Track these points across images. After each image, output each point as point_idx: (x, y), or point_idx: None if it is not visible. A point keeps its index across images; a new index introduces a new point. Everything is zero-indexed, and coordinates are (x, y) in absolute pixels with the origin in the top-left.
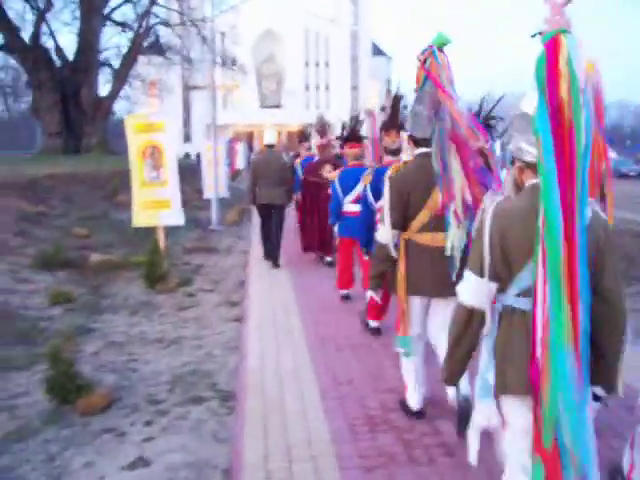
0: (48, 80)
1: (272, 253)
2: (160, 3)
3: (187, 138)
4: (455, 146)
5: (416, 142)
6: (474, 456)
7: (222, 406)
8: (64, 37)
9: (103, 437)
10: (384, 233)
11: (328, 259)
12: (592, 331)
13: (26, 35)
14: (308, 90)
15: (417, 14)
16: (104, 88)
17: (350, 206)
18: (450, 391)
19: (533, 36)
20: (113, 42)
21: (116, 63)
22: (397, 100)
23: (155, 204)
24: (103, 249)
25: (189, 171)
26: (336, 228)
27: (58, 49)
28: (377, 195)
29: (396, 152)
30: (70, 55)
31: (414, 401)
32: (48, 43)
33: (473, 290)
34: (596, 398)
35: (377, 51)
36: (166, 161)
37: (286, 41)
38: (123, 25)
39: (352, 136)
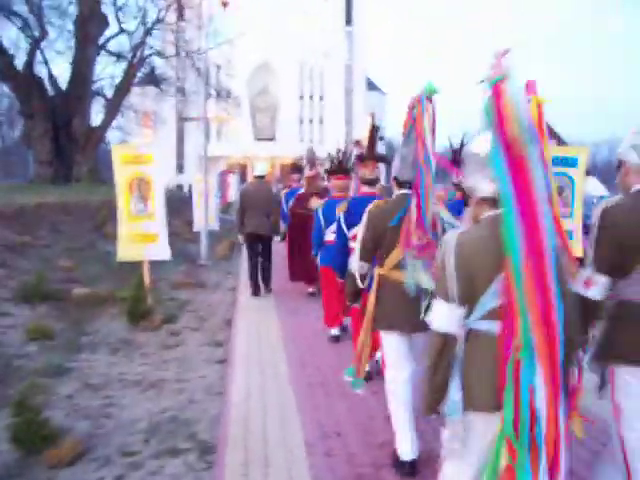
0: (40, 109)
1: (258, 287)
2: (155, 35)
3: (180, 169)
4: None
5: (399, 184)
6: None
7: (200, 459)
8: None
9: None
10: (354, 262)
11: (310, 290)
12: None
13: (20, 63)
14: (302, 123)
15: (412, 51)
16: (97, 118)
17: (332, 236)
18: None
19: (479, 83)
20: (107, 72)
21: (109, 93)
22: (374, 131)
23: (141, 238)
24: (88, 282)
25: (181, 203)
26: (318, 258)
27: (51, 78)
28: (351, 224)
29: (372, 182)
30: (63, 84)
31: (405, 450)
32: (42, 72)
33: (444, 317)
34: None
35: (372, 86)
36: (154, 194)
37: (281, 74)
38: (117, 55)
39: (338, 168)
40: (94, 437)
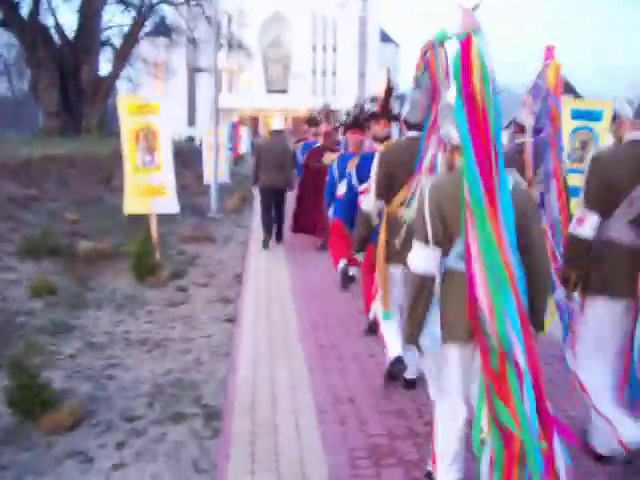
0: (47, 58)
1: (269, 238)
2: None
3: (192, 121)
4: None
5: (409, 126)
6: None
7: (206, 426)
8: (65, 15)
9: (66, 464)
10: (368, 201)
11: (319, 243)
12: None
13: (25, 12)
14: (315, 75)
15: (426, 2)
16: (106, 69)
17: (344, 190)
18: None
19: (449, 38)
20: (116, 21)
21: (118, 43)
22: (389, 90)
23: (148, 191)
24: (94, 236)
25: (192, 155)
26: (331, 211)
27: (58, 27)
28: (362, 179)
29: (385, 140)
30: (70, 33)
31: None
32: (48, 20)
33: (422, 258)
34: None
35: (386, 38)
36: (160, 145)
37: (293, 25)
38: (126, 3)
39: (354, 123)
40: (95, 401)
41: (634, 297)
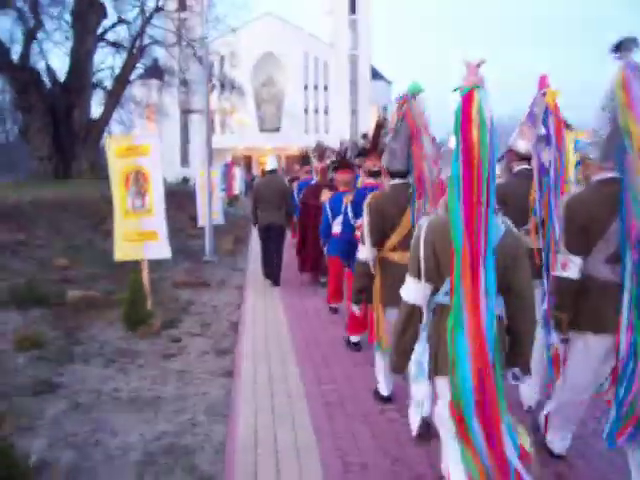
0: (38, 102)
1: (272, 274)
2: (155, 24)
3: (185, 162)
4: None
5: (392, 174)
6: (415, 428)
7: None
8: (56, 58)
9: None
10: (365, 251)
11: (323, 280)
12: (510, 322)
13: (16, 56)
14: (307, 114)
15: (416, 40)
16: (97, 111)
17: (338, 227)
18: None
19: (454, 91)
20: (107, 64)
21: (110, 85)
22: (379, 126)
23: (139, 235)
24: (84, 283)
25: (185, 197)
26: (326, 248)
27: (49, 70)
28: (357, 213)
29: (376, 174)
30: (61, 76)
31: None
32: (39, 64)
33: (413, 291)
34: (514, 378)
35: (377, 75)
36: (152, 188)
37: (285, 65)
38: (117, 46)
39: (342, 163)
40: (78, 472)
41: (615, 331)
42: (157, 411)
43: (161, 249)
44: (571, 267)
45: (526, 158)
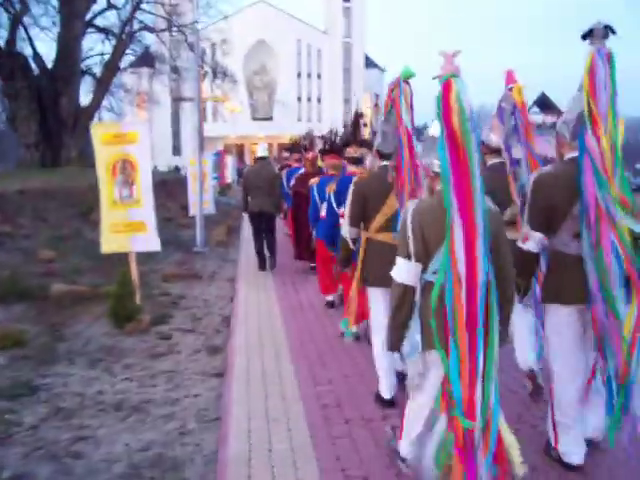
0: (24, 88)
1: (265, 259)
2: (145, 9)
3: (177, 151)
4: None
5: (382, 156)
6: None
7: None
8: (43, 44)
9: None
10: (344, 228)
11: (312, 265)
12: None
13: (2, 40)
14: (300, 102)
15: (410, 27)
16: (86, 99)
17: (324, 211)
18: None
19: (433, 78)
20: (97, 50)
21: (99, 72)
22: (357, 117)
23: (127, 227)
24: (70, 276)
25: (177, 186)
26: (314, 231)
27: (36, 56)
28: (340, 201)
29: (358, 161)
30: (49, 63)
31: (387, 390)
32: (26, 50)
33: (404, 271)
34: None
35: (370, 63)
36: (140, 177)
37: (278, 52)
38: (106, 31)
39: (330, 149)
40: None
41: (585, 303)
42: (144, 417)
43: (150, 241)
44: (531, 241)
45: (498, 151)
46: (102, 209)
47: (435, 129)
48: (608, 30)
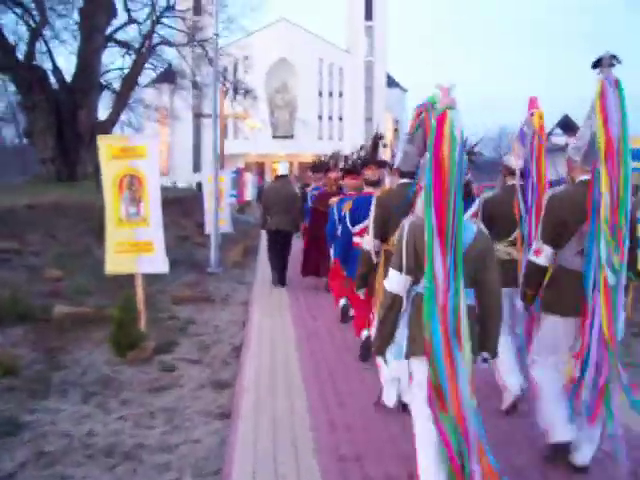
0: (42, 101)
1: (279, 277)
2: (166, 23)
3: (197, 168)
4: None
5: (401, 174)
6: (389, 398)
7: None
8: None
9: None
10: (368, 241)
11: (325, 279)
12: (479, 312)
13: (21, 54)
14: (321, 120)
15: (432, 48)
16: (105, 113)
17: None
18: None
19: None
20: (116, 65)
21: (118, 87)
22: (376, 139)
23: (133, 247)
24: (76, 296)
25: (194, 203)
26: (332, 251)
27: (55, 69)
28: (356, 221)
29: (375, 183)
30: (68, 77)
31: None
32: (45, 63)
33: (395, 282)
34: (484, 360)
35: (392, 83)
36: (147, 194)
37: (300, 71)
38: (126, 46)
39: (351, 169)
40: None
41: (580, 315)
42: (135, 466)
43: (157, 262)
44: (542, 256)
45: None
46: (107, 227)
47: (427, 157)
48: (615, 59)
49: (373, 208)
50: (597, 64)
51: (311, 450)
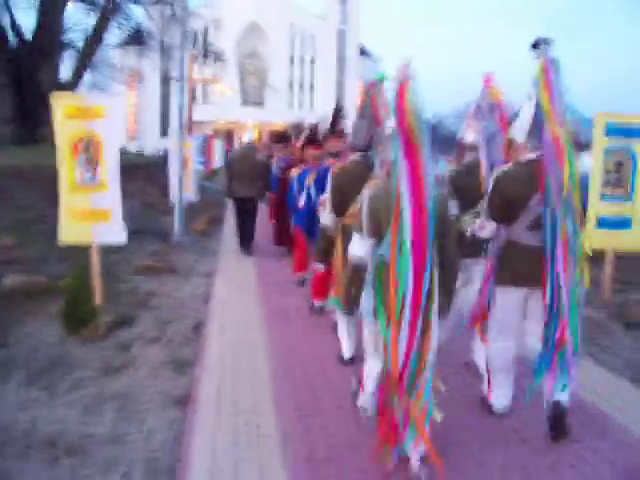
0: (0, 60)
1: (246, 245)
2: None
3: (165, 133)
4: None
5: (355, 149)
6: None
7: None
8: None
9: None
10: (325, 216)
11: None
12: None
13: None
14: (292, 88)
15: (405, 17)
16: (68, 74)
17: (302, 202)
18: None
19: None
20: (81, 25)
21: (82, 47)
22: (337, 111)
23: (89, 215)
24: (31, 265)
25: (160, 170)
26: (293, 219)
27: (14, 26)
28: (320, 190)
29: (336, 155)
30: (28, 34)
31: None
32: (3, 19)
33: (359, 246)
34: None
35: (364, 52)
36: (104, 158)
37: (271, 37)
38: (89, 2)
39: (311, 140)
40: None
41: (531, 286)
42: (79, 462)
43: (114, 232)
44: (486, 230)
45: (474, 148)
46: (61, 193)
47: (390, 128)
48: (549, 40)
49: (329, 184)
50: (535, 46)
51: (278, 446)
